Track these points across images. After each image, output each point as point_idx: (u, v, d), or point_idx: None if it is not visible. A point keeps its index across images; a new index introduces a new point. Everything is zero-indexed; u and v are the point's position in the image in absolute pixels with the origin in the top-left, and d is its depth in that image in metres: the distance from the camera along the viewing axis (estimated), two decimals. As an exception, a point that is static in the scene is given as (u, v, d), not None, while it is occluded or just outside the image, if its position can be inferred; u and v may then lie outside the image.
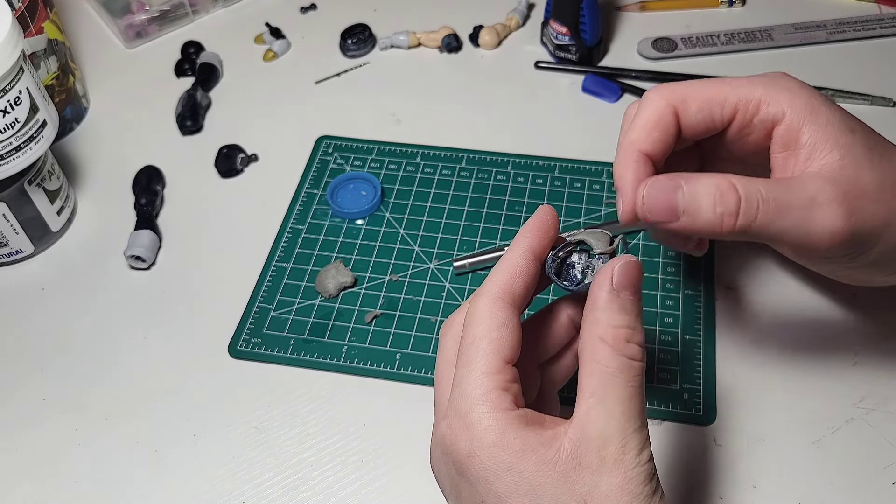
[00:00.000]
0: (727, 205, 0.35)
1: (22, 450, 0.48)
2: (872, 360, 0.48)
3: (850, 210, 0.35)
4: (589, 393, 0.32)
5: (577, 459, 0.31)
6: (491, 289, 0.34)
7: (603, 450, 0.31)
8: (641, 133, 0.38)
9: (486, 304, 0.34)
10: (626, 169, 0.37)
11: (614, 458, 0.31)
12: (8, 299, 0.55)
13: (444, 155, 0.61)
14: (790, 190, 0.35)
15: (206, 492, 0.45)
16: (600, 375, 0.32)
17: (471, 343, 0.33)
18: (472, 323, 0.34)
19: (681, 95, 0.38)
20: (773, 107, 0.37)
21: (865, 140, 0.37)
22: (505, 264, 0.35)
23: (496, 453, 0.31)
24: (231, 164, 0.61)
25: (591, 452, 0.31)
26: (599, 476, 0.31)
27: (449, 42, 0.69)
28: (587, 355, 0.33)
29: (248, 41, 0.73)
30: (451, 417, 0.33)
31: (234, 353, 0.51)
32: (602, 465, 0.31)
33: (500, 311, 0.34)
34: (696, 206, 0.35)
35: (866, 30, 0.67)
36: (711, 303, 0.51)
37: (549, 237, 0.36)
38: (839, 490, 0.43)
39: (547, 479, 0.31)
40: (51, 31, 0.62)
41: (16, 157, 0.52)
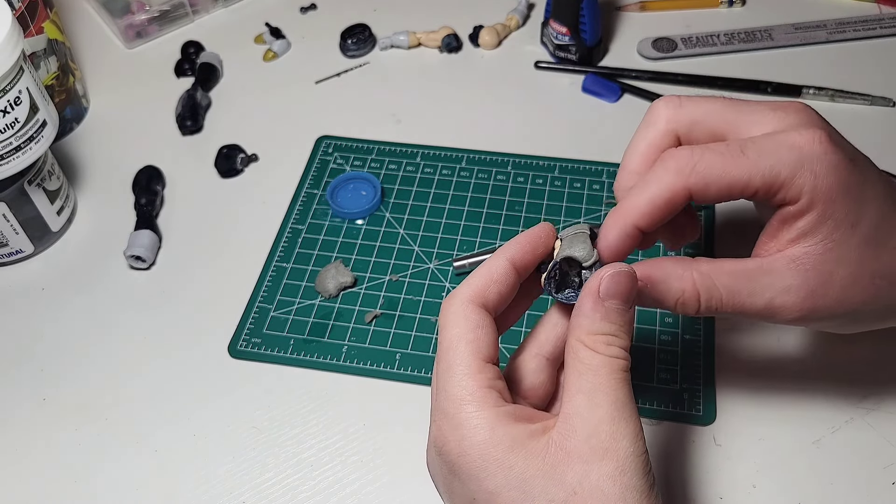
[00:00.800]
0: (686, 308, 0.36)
1: (22, 450, 0.48)
2: (872, 360, 0.48)
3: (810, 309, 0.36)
4: (574, 389, 0.32)
5: (566, 450, 0.31)
6: (465, 291, 0.35)
7: (592, 438, 0.31)
8: (647, 211, 0.36)
9: (460, 307, 0.34)
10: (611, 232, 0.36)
11: (605, 447, 0.31)
12: (8, 299, 0.55)
13: (444, 155, 0.61)
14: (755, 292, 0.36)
15: (206, 492, 0.45)
16: (583, 372, 0.32)
17: (448, 346, 0.34)
18: (447, 325, 0.34)
19: (702, 179, 0.35)
20: (793, 192, 0.35)
21: (866, 233, 0.36)
22: (482, 269, 0.35)
23: (486, 450, 0.31)
24: (231, 164, 0.61)
25: (580, 442, 0.31)
26: (590, 465, 0.31)
27: (449, 42, 0.69)
28: (570, 356, 0.33)
29: (248, 41, 0.73)
30: (439, 419, 0.33)
31: (234, 353, 0.51)
32: (592, 454, 0.31)
33: (472, 313, 0.34)
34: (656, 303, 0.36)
35: (866, 30, 0.67)
36: (711, 303, 0.51)
37: (534, 253, 0.36)
38: (839, 490, 0.43)
39: (536, 471, 0.31)
40: (51, 31, 0.62)
41: (16, 157, 0.52)
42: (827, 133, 0.35)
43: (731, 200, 0.37)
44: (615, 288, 0.33)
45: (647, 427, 0.46)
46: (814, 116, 0.37)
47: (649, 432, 0.46)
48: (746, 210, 0.56)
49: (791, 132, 0.35)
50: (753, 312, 0.36)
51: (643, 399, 0.47)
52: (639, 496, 0.31)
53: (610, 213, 0.37)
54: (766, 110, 0.37)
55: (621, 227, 0.36)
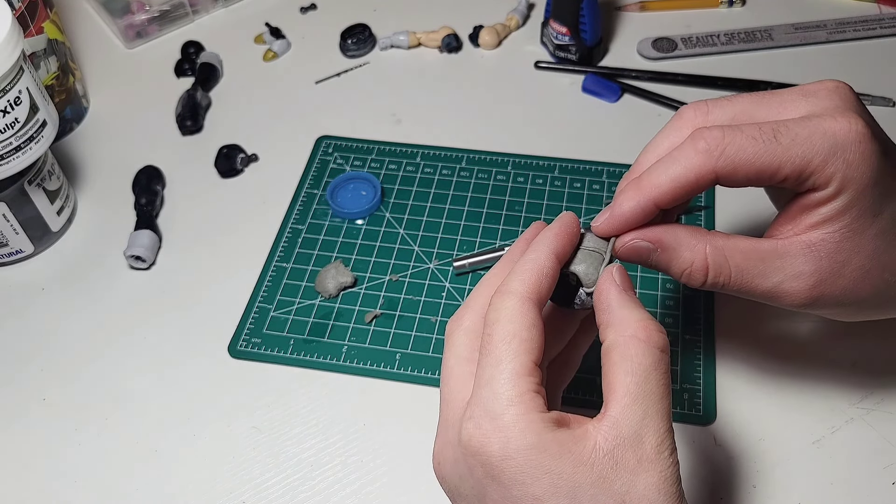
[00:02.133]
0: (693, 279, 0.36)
1: (22, 450, 0.48)
2: (872, 360, 0.48)
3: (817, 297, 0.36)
4: (623, 392, 0.31)
5: (615, 459, 0.31)
6: (520, 288, 0.33)
7: (639, 449, 0.31)
8: (668, 188, 0.35)
9: (517, 303, 0.33)
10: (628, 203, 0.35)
11: (650, 458, 0.31)
12: (8, 299, 0.55)
13: (444, 155, 0.61)
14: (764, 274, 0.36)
15: (206, 492, 0.45)
16: (635, 373, 0.31)
17: (501, 341, 0.32)
18: (501, 320, 0.32)
19: (731, 164, 0.34)
20: (822, 179, 0.34)
21: (885, 225, 0.35)
22: (531, 264, 0.34)
23: (533, 456, 0.31)
24: (231, 163, 0.61)
25: (629, 451, 0.31)
26: (637, 476, 0.30)
27: (449, 42, 0.69)
28: (618, 354, 0.32)
29: (248, 41, 0.73)
30: (479, 417, 0.31)
31: (234, 353, 0.51)
32: (639, 465, 0.31)
33: (529, 311, 0.33)
34: (665, 268, 0.36)
35: (866, 30, 0.67)
36: (711, 303, 0.51)
37: (571, 244, 0.35)
38: (839, 490, 0.43)
39: (585, 479, 0.30)
40: (51, 31, 0.62)
41: (16, 157, 0.52)
42: (863, 120, 0.35)
43: (757, 186, 0.36)
44: (626, 280, 0.34)
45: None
46: (849, 98, 0.36)
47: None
48: (747, 210, 0.56)
49: (826, 117, 0.34)
50: (759, 293, 0.36)
51: (643, 399, 0.47)
52: (675, 502, 0.31)
53: (630, 183, 0.35)
54: (797, 97, 0.36)
55: (639, 202, 0.35)
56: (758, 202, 0.56)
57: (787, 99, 0.36)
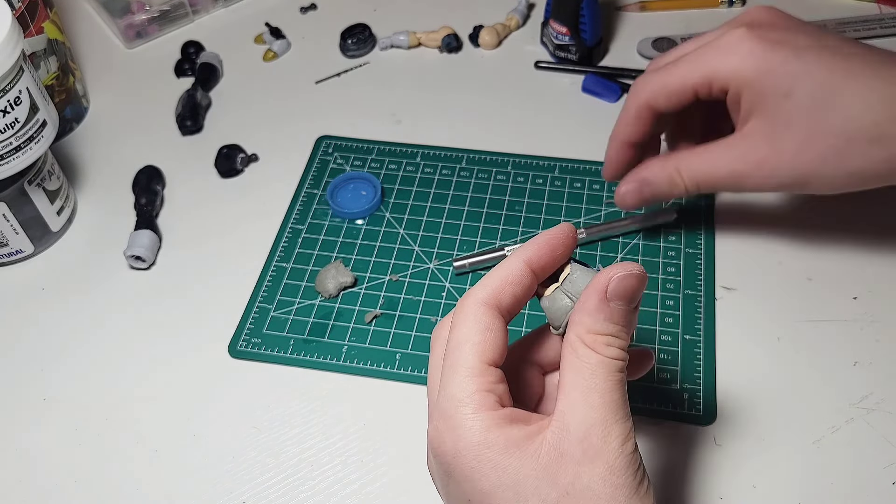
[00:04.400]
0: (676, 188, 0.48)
1: (22, 450, 0.48)
2: (872, 360, 0.48)
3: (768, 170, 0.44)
4: (570, 387, 0.32)
5: (560, 451, 0.31)
6: (478, 292, 0.34)
7: (585, 440, 0.31)
8: (624, 127, 0.49)
9: (472, 307, 0.34)
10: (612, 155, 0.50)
11: (596, 449, 0.31)
12: (8, 299, 0.55)
13: (444, 155, 0.61)
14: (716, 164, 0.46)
15: (206, 492, 0.45)
16: (580, 370, 0.32)
17: (455, 346, 0.34)
18: (457, 325, 0.34)
19: (651, 93, 0.46)
20: (720, 81, 0.44)
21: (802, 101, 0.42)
22: (499, 271, 0.35)
23: (480, 452, 0.32)
24: (231, 164, 0.61)
25: (573, 443, 0.31)
26: (581, 466, 0.31)
27: (449, 42, 0.69)
28: (567, 352, 0.33)
29: (248, 41, 0.73)
30: (436, 419, 0.33)
31: (234, 353, 0.51)
32: (584, 456, 0.31)
33: (484, 314, 0.34)
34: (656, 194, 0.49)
35: (866, 30, 0.67)
36: (711, 303, 0.51)
37: (552, 255, 0.35)
38: (839, 490, 0.43)
39: (530, 472, 0.31)
40: (51, 31, 0.62)
41: (16, 157, 0.52)
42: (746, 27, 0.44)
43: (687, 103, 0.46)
44: (623, 290, 0.33)
45: (647, 427, 0.46)
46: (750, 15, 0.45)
47: (649, 432, 0.46)
48: (748, 210, 0.56)
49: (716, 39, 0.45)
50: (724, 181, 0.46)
51: (643, 399, 0.47)
52: (628, 492, 0.31)
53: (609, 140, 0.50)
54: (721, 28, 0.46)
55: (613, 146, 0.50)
56: (757, 197, 0.56)
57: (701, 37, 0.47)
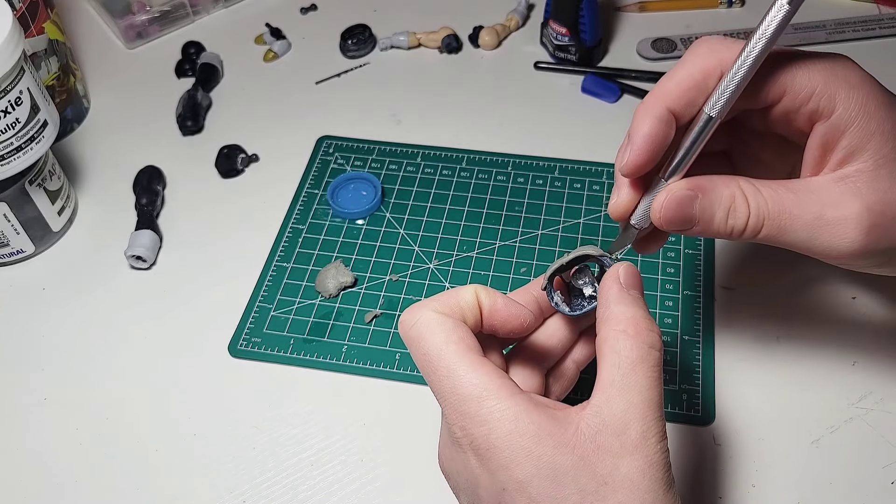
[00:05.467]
0: (738, 218, 0.34)
1: (22, 450, 0.48)
2: (872, 360, 0.48)
3: (870, 227, 0.33)
4: (609, 382, 0.32)
5: (597, 444, 0.31)
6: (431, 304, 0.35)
7: (623, 435, 0.31)
8: (676, 88, 0.34)
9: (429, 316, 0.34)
10: (643, 121, 0.34)
11: (635, 444, 0.31)
12: (8, 299, 0.55)
13: (444, 155, 0.61)
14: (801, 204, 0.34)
15: (206, 492, 0.45)
16: (620, 366, 0.32)
17: (438, 355, 0.33)
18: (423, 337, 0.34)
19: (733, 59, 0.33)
20: (826, 101, 0.33)
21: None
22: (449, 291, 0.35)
23: (513, 441, 0.31)
24: (231, 164, 0.61)
25: (611, 437, 0.31)
26: (620, 459, 0.31)
27: (449, 42, 0.69)
28: (608, 348, 0.33)
29: (249, 41, 0.73)
30: (462, 422, 0.32)
31: (234, 352, 0.51)
32: (623, 449, 0.31)
33: (446, 318, 0.34)
34: (710, 217, 0.34)
35: (866, 30, 0.67)
36: (711, 303, 0.51)
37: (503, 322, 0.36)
38: (838, 490, 0.43)
39: (566, 461, 0.31)
40: (51, 31, 0.62)
41: (17, 158, 0.52)
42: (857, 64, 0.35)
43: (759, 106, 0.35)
44: (632, 280, 0.34)
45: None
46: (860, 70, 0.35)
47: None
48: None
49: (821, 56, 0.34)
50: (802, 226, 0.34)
51: (643, 399, 0.47)
52: (665, 488, 0.31)
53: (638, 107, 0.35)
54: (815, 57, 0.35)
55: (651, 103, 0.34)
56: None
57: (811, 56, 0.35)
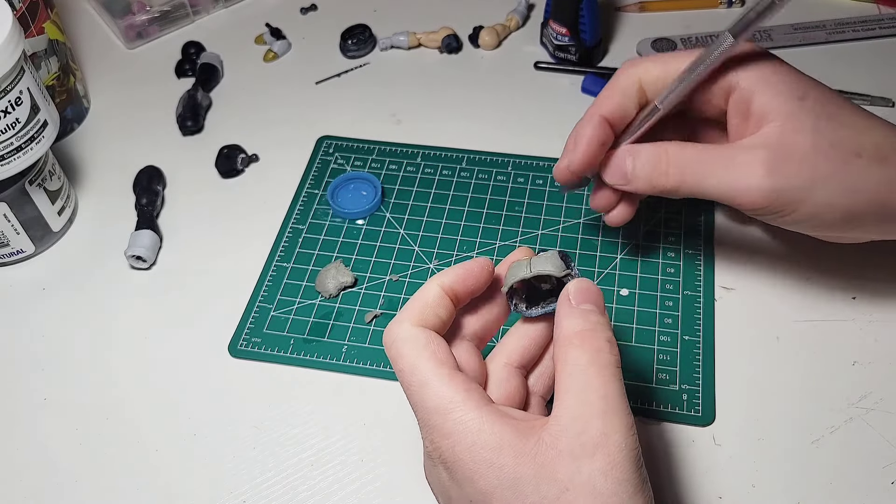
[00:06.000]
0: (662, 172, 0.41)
1: (22, 450, 0.48)
2: (872, 360, 0.48)
3: (771, 170, 0.39)
4: (564, 389, 0.33)
5: (557, 449, 0.31)
6: (403, 317, 0.36)
7: (583, 435, 0.31)
8: (605, 99, 0.43)
9: (405, 331, 0.35)
10: (583, 127, 0.43)
11: (595, 443, 0.31)
12: (8, 299, 0.55)
13: (444, 155, 0.61)
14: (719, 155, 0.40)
15: (206, 492, 0.45)
16: (572, 372, 0.33)
17: (412, 369, 0.35)
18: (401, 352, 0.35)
19: (644, 69, 0.43)
20: (729, 77, 0.40)
21: (813, 105, 0.39)
22: (416, 296, 0.36)
23: (475, 453, 0.32)
24: (231, 164, 0.61)
25: (570, 439, 0.31)
26: (581, 461, 0.31)
27: (449, 42, 0.69)
28: (559, 359, 0.34)
29: (249, 42, 0.73)
30: (430, 434, 0.34)
31: (234, 352, 0.51)
32: (583, 450, 0.31)
33: (419, 332, 0.35)
34: (640, 174, 0.42)
35: (865, 30, 0.67)
36: (711, 303, 0.51)
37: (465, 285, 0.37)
38: (838, 490, 0.43)
39: (527, 469, 0.31)
40: (51, 31, 0.62)
41: (17, 158, 0.52)
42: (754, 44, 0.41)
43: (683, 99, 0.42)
44: (583, 296, 0.35)
45: (646, 427, 0.46)
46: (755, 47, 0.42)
47: (649, 433, 0.46)
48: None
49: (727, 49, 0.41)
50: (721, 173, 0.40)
51: (642, 400, 0.47)
52: (632, 489, 0.31)
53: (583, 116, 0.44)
54: None
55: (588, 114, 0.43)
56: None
57: None
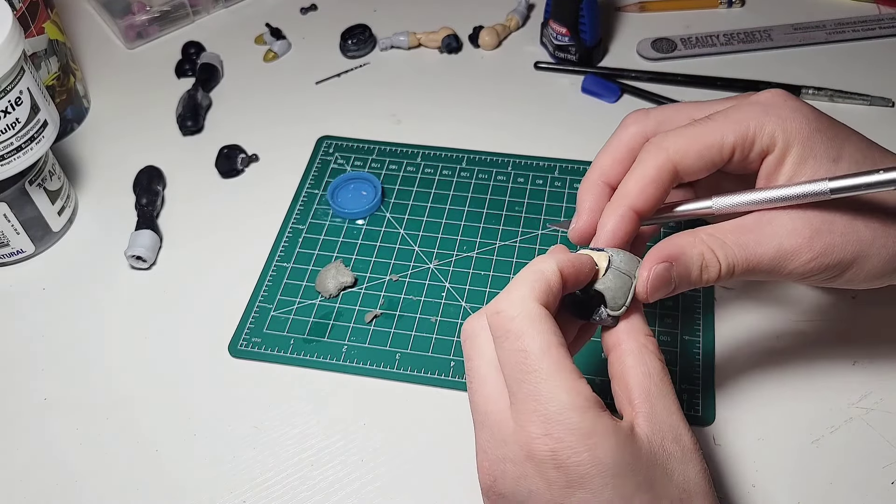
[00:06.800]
0: (711, 272, 0.37)
1: (22, 450, 0.48)
2: (872, 360, 0.48)
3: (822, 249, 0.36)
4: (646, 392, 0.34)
5: (666, 451, 0.33)
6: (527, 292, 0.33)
7: (680, 441, 0.34)
8: (635, 188, 0.37)
9: (532, 308, 0.33)
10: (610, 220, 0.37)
11: (689, 449, 0.34)
12: (8, 299, 0.55)
13: (444, 155, 0.61)
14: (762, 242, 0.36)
15: (206, 492, 0.45)
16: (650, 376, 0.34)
17: (543, 352, 0.32)
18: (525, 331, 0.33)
19: (681, 149, 0.37)
20: (766, 139, 0.37)
21: (850, 167, 0.37)
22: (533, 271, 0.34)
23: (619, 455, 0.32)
24: (232, 164, 0.61)
25: (672, 444, 0.34)
26: (686, 465, 0.34)
27: (449, 42, 0.69)
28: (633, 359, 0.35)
29: (249, 42, 0.73)
30: (557, 432, 0.32)
31: (234, 352, 0.51)
32: (685, 455, 0.34)
33: (547, 316, 0.33)
34: (686, 279, 0.37)
35: (865, 30, 0.67)
36: (710, 303, 0.51)
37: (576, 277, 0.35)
38: (838, 490, 0.43)
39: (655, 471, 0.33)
40: (51, 31, 0.62)
41: (17, 158, 0.52)
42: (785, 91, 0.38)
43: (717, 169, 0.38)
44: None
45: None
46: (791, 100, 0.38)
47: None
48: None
49: (750, 96, 0.38)
50: (767, 261, 0.36)
51: (643, 399, 0.47)
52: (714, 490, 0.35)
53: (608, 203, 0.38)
54: (727, 100, 0.39)
55: (618, 212, 0.37)
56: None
57: (718, 101, 0.40)
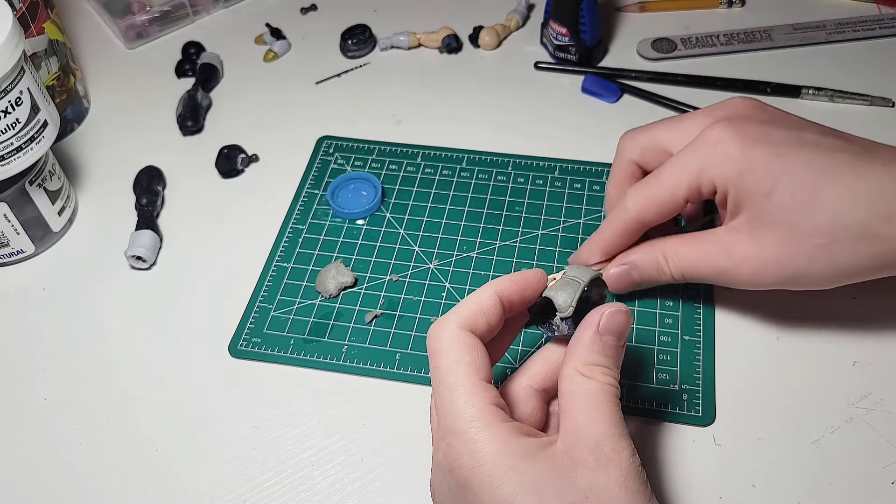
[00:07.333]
0: (664, 274, 0.46)
1: (22, 450, 0.48)
2: (872, 360, 0.48)
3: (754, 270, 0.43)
4: (574, 410, 0.35)
5: (573, 459, 0.33)
6: (455, 318, 0.36)
7: (596, 450, 0.33)
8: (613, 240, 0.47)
9: (453, 332, 0.36)
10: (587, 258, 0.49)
11: (608, 458, 0.33)
12: (8, 299, 0.55)
13: (444, 155, 0.61)
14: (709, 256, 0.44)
15: (206, 492, 0.45)
16: (581, 395, 0.35)
17: (448, 370, 0.35)
18: (443, 350, 0.36)
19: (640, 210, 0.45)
20: (708, 185, 0.43)
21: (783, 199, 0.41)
22: (471, 299, 0.37)
23: (499, 459, 0.33)
24: (232, 164, 0.62)
25: (585, 452, 0.33)
26: (597, 472, 0.33)
27: (449, 42, 0.69)
28: (566, 383, 0.36)
29: (249, 42, 0.73)
30: (449, 438, 0.35)
31: (234, 352, 0.51)
32: (598, 463, 0.33)
33: (466, 337, 0.36)
34: (647, 278, 0.47)
35: (865, 30, 0.67)
36: (711, 303, 0.51)
37: (521, 294, 0.38)
38: (839, 490, 0.43)
39: (548, 476, 0.33)
40: (51, 31, 0.62)
41: (17, 158, 0.52)
42: (726, 121, 0.42)
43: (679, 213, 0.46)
44: (613, 325, 0.36)
45: (646, 427, 0.46)
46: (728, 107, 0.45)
47: (649, 433, 0.46)
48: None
49: (696, 138, 0.43)
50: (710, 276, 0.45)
51: (642, 400, 0.47)
52: (642, 499, 0.33)
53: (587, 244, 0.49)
54: (700, 118, 0.45)
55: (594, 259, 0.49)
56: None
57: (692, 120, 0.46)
